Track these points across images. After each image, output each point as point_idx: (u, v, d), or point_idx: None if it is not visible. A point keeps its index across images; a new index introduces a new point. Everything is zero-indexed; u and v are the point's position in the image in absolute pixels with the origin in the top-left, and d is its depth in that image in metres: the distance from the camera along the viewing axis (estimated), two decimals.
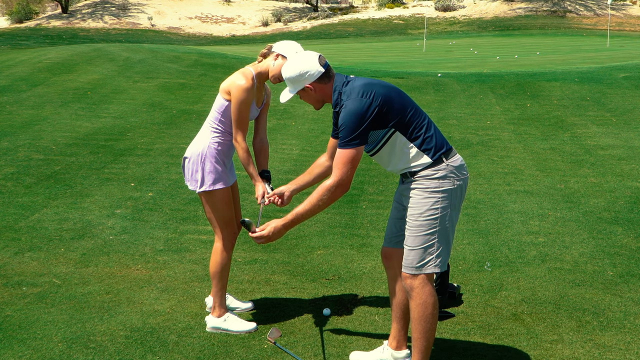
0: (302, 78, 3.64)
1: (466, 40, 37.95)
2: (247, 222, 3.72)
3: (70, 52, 18.15)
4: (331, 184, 3.53)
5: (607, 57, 20.29)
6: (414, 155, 3.60)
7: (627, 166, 8.57)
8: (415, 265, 3.59)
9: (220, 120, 4.32)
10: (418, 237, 3.58)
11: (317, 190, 3.55)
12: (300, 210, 3.58)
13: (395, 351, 3.96)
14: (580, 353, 4.14)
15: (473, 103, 12.77)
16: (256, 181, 4.33)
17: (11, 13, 52.66)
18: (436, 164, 3.58)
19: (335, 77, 3.70)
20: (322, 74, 3.65)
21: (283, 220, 3.61)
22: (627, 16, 48.30)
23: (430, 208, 3.56)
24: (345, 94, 3.59)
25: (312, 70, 3.63)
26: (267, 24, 51.89)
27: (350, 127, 3.49)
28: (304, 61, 3.66)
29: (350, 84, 3.63)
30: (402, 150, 3.61)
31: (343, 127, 3.51)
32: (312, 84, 3.65)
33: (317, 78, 3.64)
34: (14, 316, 4.56)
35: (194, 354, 4.10)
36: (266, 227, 3.64)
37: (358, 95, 3.54)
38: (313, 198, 3.55)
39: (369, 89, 3.55)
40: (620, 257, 5.72)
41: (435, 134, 3.65)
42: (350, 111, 3.51)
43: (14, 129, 10.32)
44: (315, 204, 3.55)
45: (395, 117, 3.56)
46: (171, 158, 8.87)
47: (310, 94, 3.69)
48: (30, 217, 6.65)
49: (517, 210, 6.94)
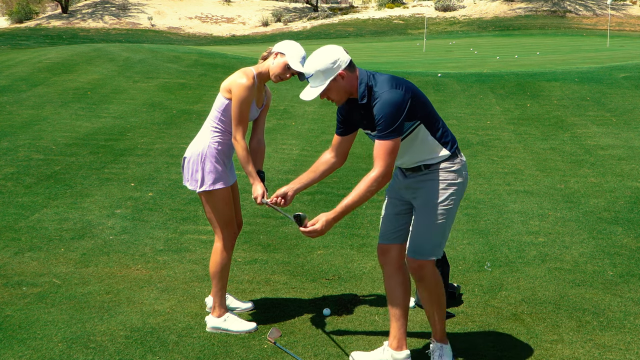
0: (334, 66, 3.64)
1: (466, 40, 37.94)
2: (302, 216, 3.69)
3: (70, 52, 18.15)
4: (377, 175, 3.60)
5: (607, 57, 20.28)
6: (433, 147, 3.74)
7: (627, 166, 8.57)
8: (425, 251, 3.78)
9: (221, 120, 4.32)
10: (432, 226, 3.75)
11: (364, 182, 3.61)
12: (348, 202, 3.64)
13: (396, 352, 3.95)
14: (580, 353, 4.14)
15: (473, 103, 12.77)
16: (255, 180, 4.30)
17: (11, 13, 52.66)
18: (452, 158, 3.76)
19: (360, 69, 3.74)
20: (350, 61, 3.69)
21: (333, 212, 3.65)
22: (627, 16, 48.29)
23: (446, 199, 3.74)
24: (377, 86, 3.64)
25: (342, 58, 3.66)
26: (267, 24, 51.89)
27: (391, 118, 3.56)
28: (332, 50, 3.68)
29: (376, 77, 3.69)
30: (423, 142, 3.72)
31: (382, 118, 3.57)
32: (344, 71, 3.66)
33: (347, 66, 3.67)
34: (14, 316, 4.56)
35: (194, 354, 4.10)
36: (316, 221, 3.65)
37: (391, 87, 3.61)
38: (361, 189, 3.62)
39: (399, 82, 3.65)
40: (620, 257, 5.72)
41: (449, 130, 3.85)
42: (387, 102, 3.57)
43: (14, 129, 10.32)
44: (363, 195, 3.62)
45: (421, 109, 3.69)
46: (171, 158, 8.87)
47: (339, 84, 3.68)
48: (30, 217, 6.65)
49: (517, 210, 6.94)
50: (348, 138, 3.97)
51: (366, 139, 4.15)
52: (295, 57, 4.23)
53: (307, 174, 4.09)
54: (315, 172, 4.06)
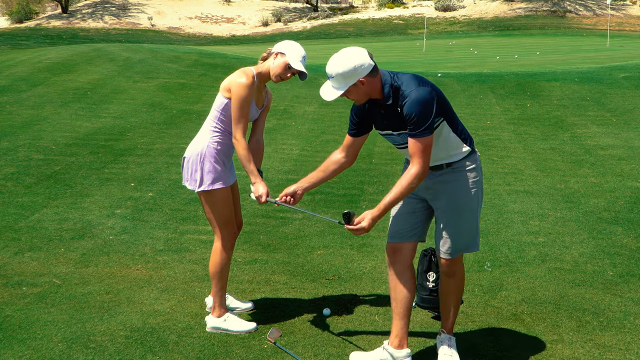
0: (356, 72, 3.64)
1: (466, 40, 37.94)
2: (352, 213, 3.71)
3: (70, 52, 18.15)
4: (418, 171, 3.67)
5: (607, 57, 20.28)
6: (455, 144, 3.82)
7: (627, 166, 8.57)
8: (462, 248, 3.93)
9: (220, 119, 4.32)
10: (465, 226, 3.88)
11: (405, 178, 3.67)
12: (391, 198, 3.69)
13: (397, 350, 3.95)
14: (580, 353, 4.14)
15: (473, 103, 12.77)
16: (257, 179, 4.25)
17: (11, 13, 52.65)
18: (472, 155, 3.88)
19: (383, 70, 3.76)
20: (373, 67, 3.70)
21: (377, 210, 3.69)
22: (627, 16, 48.29)
23: (473, 196, 3.86)
24: (404, 86, 3.67)
25: (365, 64, 3.66)
26: (267, 24, 51.88)
27: (424, 116, 3.61)
28: (356, 55, 3.67)
29: (400, 77, 3.73)
30: (446, 139, 3.79)
31: (415, 117, 3.61)
32: (365, 78, 3.67)
33: (370, 72, 3.68)
34: (14, 316, 4.56)
35: (194, 354, 4.10)
36: (362, 219, 3.69)
37: (418, 84, 3.66)
38: (403, 186, 3.67)
39: (423, 80, 3.72)
40: (620, 257, 5.72)
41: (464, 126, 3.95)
42: (418, 100, 3.61)
43: (14, 129, 10.32)
44: (405, 191, 3.69)
45: (444, 107, 3.76)
46: (171, 158, 8.87)
47: (359, 89, 3.70)
48: (30, 217, 6.65)
49: (517, 210, 6.94)
50: (360, 139, 4.01)
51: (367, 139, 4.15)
52: (295, 56, 4.24)
53: (316, 173, 4.10)
54: (325, 171, 4.08)
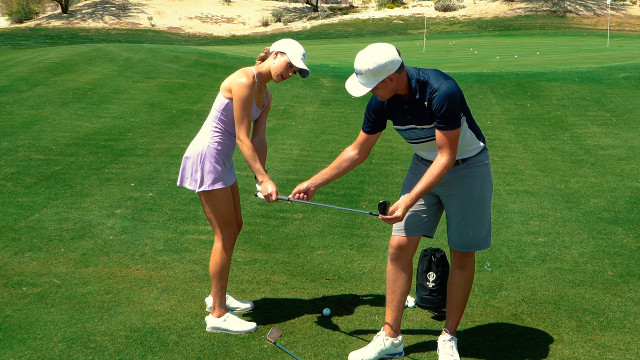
0: (386, 69, 3.66)
1: (466, 40, 37.94)
2: (387, 203, 3.75)
3: (70, 52, 18.15)
4: (447, 162, 3.73)
5: (607, 57, 20.28)
6: (471, 140, 3.87)
7: (627, 166, 8.57)
8: (477, 244, 4.01)
9: (221, 119, 4.32)
10: (481, 220, 3.95)
11: (436, 167, 3.72)
12: (422, 187, 3.75)
13: (394, 339, 4.05)
14: (580, 353, 4.14)
15: (473, 103, 12.77)
16: (264, 178, 4.23)
17: (11, 13, 52.64)
18: (485, 151, 3.93)
19: (407, 66, 3.80)
20: (401, 64, 3.73)
21: (409, 199, 3.75)
22: (627, 16, 48.29)
23: (487, 191, 3.93)
24: (431, 80, 3.72)
25: (395, 61, 3.68)
26: (267, 24, 51.88)
27: (453, 109, 3.68)
28: (386, 52, 3.68)
29: (425, 71, 3.78)
30: (463, 135, 3.83)
31: (445, 110, 3.66)
32: (394, 75, 3.69)
33: (398, 69, 3.70)
34: (14, 316, 4.56)
35: (194, 354, 4.10)
36: (397, 208, 3.74)
37: (446, 78, 3.72)
38: (433, 175, 3.73)
39: (445, 74, 3.77)
40: (620, 257, 5.72)
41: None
42: (448, 94, 3.66)
43: (14, 129, 10.32)
44: (435, 180, 3.75)
45: (464, 103, 3.81)
46: (171, 158, 8.87)
47: (388, 85, 3.73)
48: (30, 217, 6.65)
49: (517, 210, 6.94)
50: (374, 136, 4.04)
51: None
52: (296, 54, 4.24)
53: (329, 170, 4.11)
54: (338, 168, 4.09)
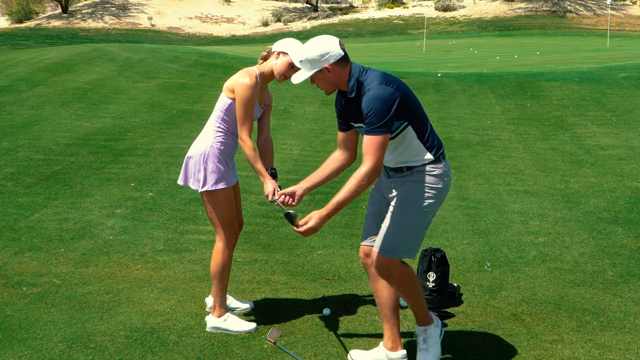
0: (323, 58, 3.67)
1: (466, 40, 37.94)
2: (293, 214, 3.69)
3: (70, 52, 18.15)
4: (367, 170, 3.59)
5: (607, 57, 20.28)
6: (418, 151, 3.72)
7: (627, 166, 8.57)
8: (397, 251, 3.75)
9: (223, 119, 4.33)
10: (406, 226, 3.72)
11: (355, 177, 3.60)
12: (340, 198, 3.63)
13: (391, 352, 3.94)
14: (580, 353, 4.14)
15: (473, 103, 12.78)
16: (265, 178, 4.28)
17: (11, 13, 52.65)
18: (436, 162, 3.73)
19: (353, 64, 3.75)
20: (341, 57, 3.70)
21: (325, 210, 3.65)
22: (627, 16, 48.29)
23: (425, 200, 3.72)
24: (367, 82, 3.66)
25: (333, 52, 3.67)
26: (267, 24, 51.88)
27: (380, 113, 3.56)
28: (325, 42, 3.70)
29: (368, 72, 3.70)
30: (409, 144, 3.72)
31: (371, 113, 3.57)
32: (330, 65, 3.68)
33: (336, 60, 3.68)
34: (14, 316, 4.55)
35: (194, 354, 4.10)
36: (309, 219, 3.66)
37: (382, 82, 3.62)
38: (352, 185, 3.61)
39: (390, 80, 3.65)
40: (620, 257, 5.72)
41: (436, 135, 3.81)
42: (377, 97, 3.58)
43: (14, 129, 10.32)
44: (355, 190, 3.62)
45: (410, 111, 3.68)
46: (171, 158, 8.87)
47: (326, 76, 3.72)
48: (30, 217, 6.64)
49: (517, 210, 6.94)
50: (350, 133, 3.95)
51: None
52: (298, 54, 4.24)
53: (316, 173, 4.05)
54: (324, 170, 4.02)
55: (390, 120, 3.58)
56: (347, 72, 3.72)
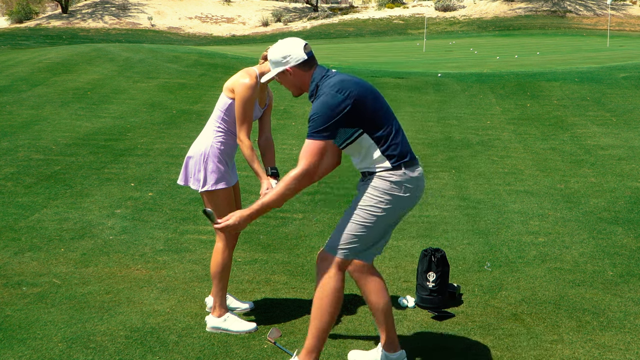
0: (284, 60, 3.68)
1: (466, 40, 37.95)
2: (209, 212, 3.67)
3: (70, 52, 18.15)
4: (298, 173, 3.55)
5: (607, 57, 20.29)
6: (376, 158, 3.65)
7: (627, 166, 8.57)
8: (336, 245, 3.68)
9: (224, 119, 4.33)
10: (351, 224, 3.66)
11: (284, 180, 3.57)
12: (266, 200, 3.60)
13: (390, 353, 3.94)
14: (580, 353, 4.14)
15: (473, 103, 12.78)
16: (262, 178, 4.35)
17: (11, 13, 52.67)
18: (394, 170, 3.64)
19: (317, 68, 3.72)
20: (304, 60, 3.68)
21: (249, 210, 3.61)
22: (627, 16, 48.30)
23: (374, 205, 3.64)
24: (322, 87, 3.63)
25: (294, 55, 3.67)
26: (267, 24, 51.89)
27: (321, 119, 3.52)
28: (288, 44, 3.71)
29: (328, 78, 3.66)
30: (367, 151, 3.66)
31: (314, 117, 3.54)
32: (291, 69, 3.69)
33: (298, 63, 3.67)
34: (14, 316, 4.55)
35: (194, 354, 4.10)
36: (231, 216, 3.62)
37: (333, 89, 3.57)
38: (279, 188, 3.57)
39: (345, 87, 3.58)
40: (620, 257, 5.72)
41: (402, 142, 3.69)
42: (323, 103, 3.55)
43: (14, 129, 10.32)
44: (282, 193, 3.57)
45: (364, 119, 3.59)
46: (171, 158, 8.87)
47: (288, 78, 3.73)
48: (30, 217, 6.65)
49: (517, 210, 6.94)
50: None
51: None
52: None
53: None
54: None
55: (332, 127, 3.53)
56: (310, 76, 3.70)
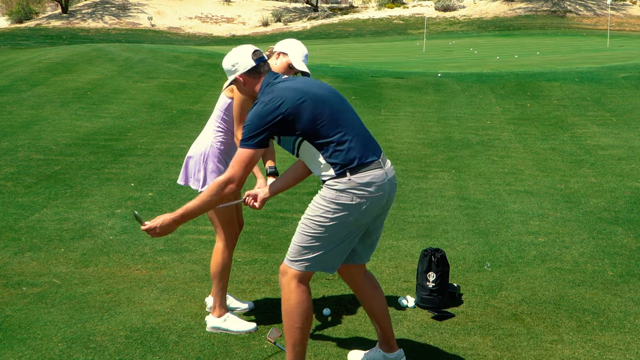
0: (233, 69, 3.68)
1: (466, 40, 37.95)
2: (136, 214, 3.68)
3: (70, 52, 18.15)
4: (223, 180, 3.52)
5: (607, 57, 20.29)
6: (322, 166, 3.56)
7: (627, 166, 8.57)
8: (290, 258, 3.62)
9: (223, 119, 4.34)
10: (300, 235, 3.60)
11: (209, 186, 3.55)
12: (190, 205, 3.57)
13: (387, 353, 3.94)
14: (580, 353, 4.14)
15: (473, 103, 12.78)
16: (257, 178, 4.37)
17: (11, 13, 52.67)
18: (339, 177, 3.50)
19: (266, 75, 3.68)
20: (251, 67, 3.66)
21: (173, 214, 3.59)
22: (627, 16, 48.30)
23: (321, 215, 3.53)
24: (260, 95, 3.61)
25: (242, 63, 3.66)
26: (267, 24, 51.89)
27: (251, 128, 3.49)
28: (237, 52, 3.70)
29: (271, 86, 3.62)
30: (313, 159, 3.58)
31: (245, 126, 3.52)
32: (242, 76, 3.68)
33: (246, 71, 3.66)
34: (14, 316, 4.56)
35: (194, 354, 4.10)
36: (156, 220, 3.61)
37: (267, 98, 3.54)
38: (203, 194, 3.55)
39: (280, 96, 3.51)
40: (620, 257, 5.72)
41: (351, 148, 3.51)
42: (253, 112, 3.53)
43: (14, 129, 10.33)
44: (206, 200, 3.54)
45: (302, 126, 3.50)
46: (171, 158, 8.87)
47: (240, 85, 3.72)
48: (30, 217, 6.65)
49: (517, 210, 6.94)
50: None
51: None
52: (297, 56, 4.23)
53: (281, 177, 4.01)
54: (286, 175, 3.96)
55: (259, 135, 3.47)
56: (259, 84, 3.67)
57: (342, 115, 3.59)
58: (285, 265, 3.65)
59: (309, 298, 3.62)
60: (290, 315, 3.60)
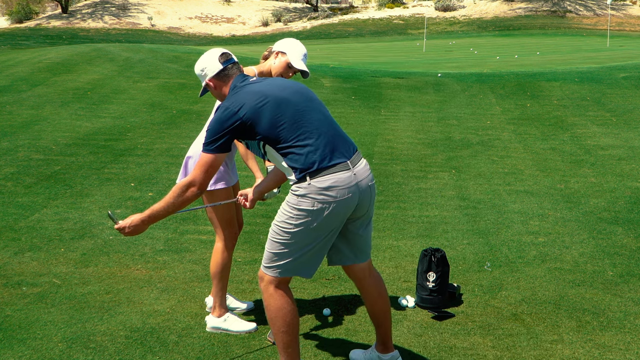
0: (203, 73, 3.68)
1: (466, 40, 37.94)
2: (110, 214, 3.70)
3: (70, 52, 18.15)
4: (184, 184, 3.52)
5: (607, 57, 20.29)
6: (286, 169, 3.53)
7: (627, 166, 8.57)
8: (265, 264, 3.61)
9: None
10: (270, 241, 3.58)
11: (173, 189, 3.55)
12: (156, 207, 3.57)
13: (382, 354, 3.93)
14: (580, 353, 4.14)
15: (473, 103, 12.77)
16: (255, 177, 4.40)
17: (11, 13, 52.65)
18: (299, 182, 3.45)
19: (235, 78, 3.65)
20: (219, 71, 3.65)
21: (142, 215, 3.59)
22: (627, 16, 48.30)
23: (285, 221, 3.50)
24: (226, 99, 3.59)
25: (209, 67, 3.66)
26: (267, 24, 51.88)
27: (211, 133, 3.49)
28: (205, 57, 3.70)
29: (236, 90, 3.59)
30: (279, 163, 3.56)
31: (207, 130, 3.52)
32: (211, 80, 3.67)
33: (214, 75, 3.66)
34: (14, 316, 4.56)
35: (194, 354, 4.10)
36: (127, 220, 3.61)
37: (227, 102, 3.52)
38: (168, 196, 3.55)
39: (240, 101, 3.48)
40: (620, 257, 5.72)
41: (309, 152, 3.44)
42: (215, 117, 3.52)
43: (14, 129, 10.33)
44: (170, 202, 3.54)
45: (262, 131, 3.46)
46: (171, 158, 8.87)
47: (212, 89, 3.72)
48: (30, 217, 6.65)
49: (517, 210, 6.94)
50: None
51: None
52: (296, 55, 4.23)
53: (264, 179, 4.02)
54: (268, 177, 3.97)
55: (219, 140, 3.45)
56: (228, 87, 3.66)
57: (306, 116, 3.51)
58: (261, 271, 3.64)
59: (288, 301, 3.60)
60: (274, 321, 3.59)
